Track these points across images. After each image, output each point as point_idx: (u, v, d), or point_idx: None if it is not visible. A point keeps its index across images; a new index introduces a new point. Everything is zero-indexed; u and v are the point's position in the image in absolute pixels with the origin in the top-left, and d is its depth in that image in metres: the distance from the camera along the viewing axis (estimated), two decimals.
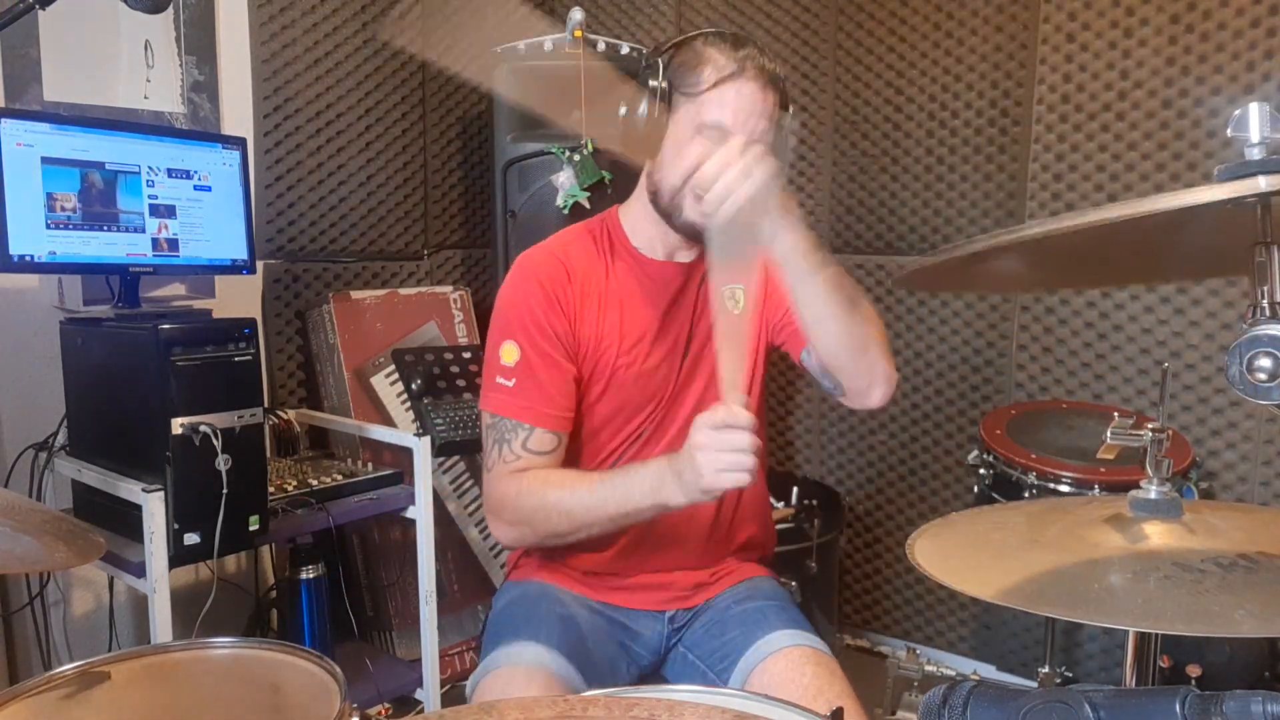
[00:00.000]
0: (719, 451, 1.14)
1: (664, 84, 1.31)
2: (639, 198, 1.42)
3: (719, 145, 1.22)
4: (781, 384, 3.05)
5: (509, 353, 1.35)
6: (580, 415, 1.41)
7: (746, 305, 1.44)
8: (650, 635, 1.45)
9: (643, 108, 1.31)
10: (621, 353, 1.40)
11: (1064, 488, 2.00)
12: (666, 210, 1.35)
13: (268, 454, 2.05)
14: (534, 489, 1.31)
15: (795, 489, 2.62)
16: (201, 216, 2.07)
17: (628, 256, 1.43)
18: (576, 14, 2.59)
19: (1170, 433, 1.08)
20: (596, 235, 1.45)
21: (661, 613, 1.45)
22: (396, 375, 2.57)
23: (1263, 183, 0.69)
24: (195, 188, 2.06)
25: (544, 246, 1.43)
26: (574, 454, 1.42)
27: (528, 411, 1.34)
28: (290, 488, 2.06)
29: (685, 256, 1.42)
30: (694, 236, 1.35)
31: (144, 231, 1.98)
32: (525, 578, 1.47)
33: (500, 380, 1.35)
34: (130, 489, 1.75)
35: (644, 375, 1.41)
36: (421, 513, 2.20)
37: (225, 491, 1.75)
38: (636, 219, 1.43)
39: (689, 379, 1.43)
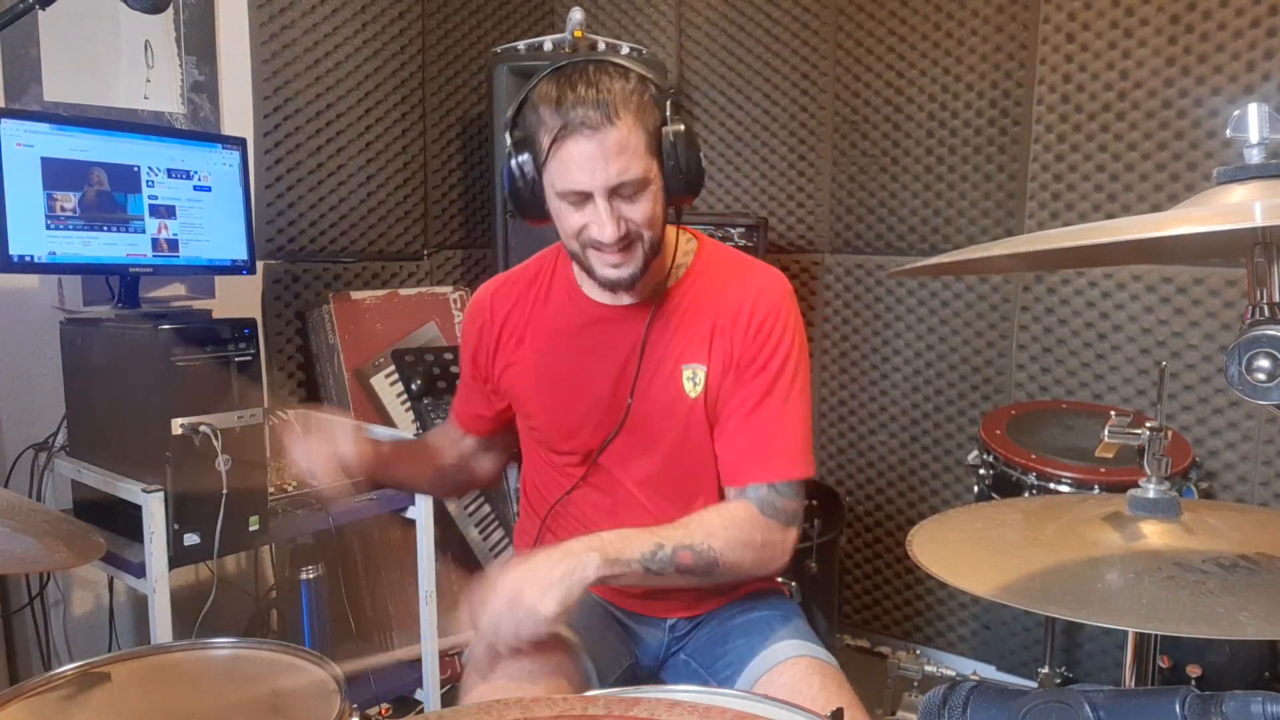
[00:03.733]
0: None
1: (520, 158, 1.25)
2: None
3: (585, 208, 1.21)
4: None
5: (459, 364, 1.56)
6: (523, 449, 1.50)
7: (707, 387, 1.34)
8: (650, 641, 1.44)
9: (517, 178, 1.27)
10: (536, 393, 1.40)
11: (1064, 488, 2.00)
12: (581, 267, 1.32)
13: (268, 454, 2.05)
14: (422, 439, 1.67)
15: None
16: (201, 217, 2.07)
17: (564, 294, 1.40)
18: (576, 14, 2.59)
19: (1169, 432, 1.08)
20: (544, 267, 1.44)
21: (663, 620, 1.44)
22: (396, 375, 2.57)
23: (1259, 213, 0.69)
24: (195, 188, 2.06)
25: (493, 279, 1.50)
26: (529, 483, 1.51)
27: (452, 409, 1.59)
28: (290, 488, 2.06)
29: (628, 299, 1.35)
30: (619, 288, 1.29)
31: (144, 232, 1.98)
32: None
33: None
34: (130, 489, 1.75)
35: (563, 420, 1.38)
36: (421, 513, 2.20)
37: (225, 492, 1.75)
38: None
39: (623, 429, 1.35)
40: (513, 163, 1.26)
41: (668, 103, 1.24)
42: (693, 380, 1.33)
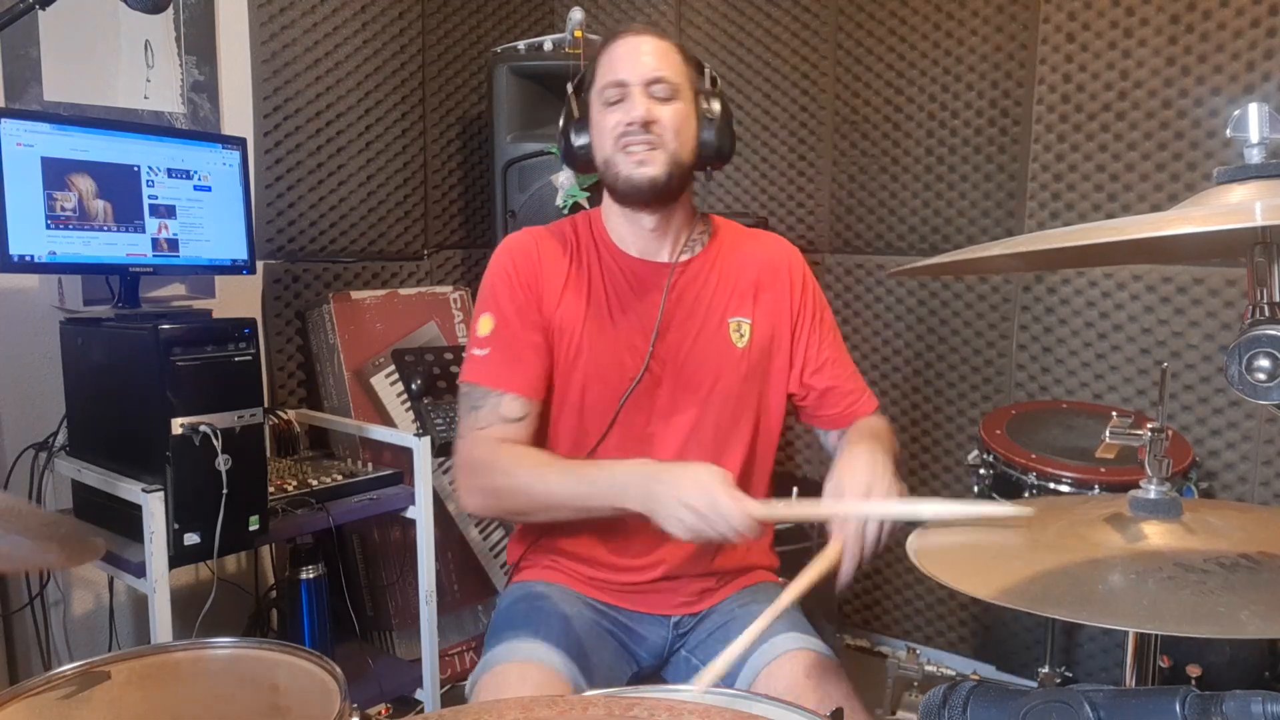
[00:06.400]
0: (701, 514, 1.22)
1: (574, 95, 1.43)
2: (607, 196, 1.48)
3: (621, 104, 1.34)
4: None
5: (484, 325, 1.41)
6: (551, 400, 1.44)
7: (752, 339, 1.46)
8: (653, 639, 1.45)
9: (574, 129, 1.43)
10: (582, 336, 1.42)
11: (1064, 488, 2.00)
12: (612, 183, 1.40)
13: (268, 454, 2.05)
14: (507, 466, 1.35)
15: (795, 489, 2.61)
16: (201, 216, 2.07)
17: (602, 247, 1.47)
18: (576, 14, 2.58)
19: (1170, 432, 1.08)
20: (577, 225, 1.50)
21: (666, 617, 1.45)
22: (396, 375, 2.57)
23: (1259, 213, 0.69)
24: (195, 188, 2.06)
25: (523, 230, 1.49)
26: (549, 440, 1.45)
27: (498, 378, 1.38)
28: (290, 488, 2.06)
29: (661, 256, 1.46)
30: (642, 194, 1.37)
31: (144, 231, 1.98)
32: (529, 579, 1.47)
33: (475, 351, 1.41)
34: (130, 489, 1.75)
35: (604, 364, 1.41)
36: (421, 513, 2.20)
37: (225, 491, 1.75)
38: (610, 217, 1.48)
39: (653, 376, 1.42)
40: (572, 106, 1.42)
41: (708, 69, 1.43)
42: (738, 332, 1.46)
